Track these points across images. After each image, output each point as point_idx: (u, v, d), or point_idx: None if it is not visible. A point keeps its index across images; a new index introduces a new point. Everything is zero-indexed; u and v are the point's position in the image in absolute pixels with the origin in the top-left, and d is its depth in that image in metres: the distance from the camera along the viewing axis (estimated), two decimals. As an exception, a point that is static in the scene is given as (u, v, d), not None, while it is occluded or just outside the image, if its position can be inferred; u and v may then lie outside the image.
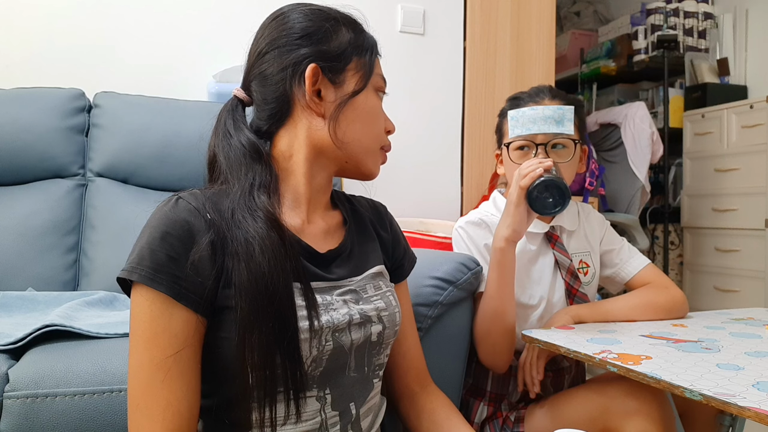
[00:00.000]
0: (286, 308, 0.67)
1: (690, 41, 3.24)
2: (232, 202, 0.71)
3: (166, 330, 0.65)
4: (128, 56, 1.87)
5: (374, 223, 0.92)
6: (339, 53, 0.78)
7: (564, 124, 1.14)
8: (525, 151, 1.18)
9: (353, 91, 0.79)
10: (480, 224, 1.23)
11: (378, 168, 0.84)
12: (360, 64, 0.80)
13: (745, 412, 0.68)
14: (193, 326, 0.67)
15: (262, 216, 0.70)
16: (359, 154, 0.81)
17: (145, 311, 0.65)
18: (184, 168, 1.60)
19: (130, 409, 0.65)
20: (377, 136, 0.83)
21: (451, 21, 2.28)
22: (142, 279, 0.65)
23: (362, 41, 0.81)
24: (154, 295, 0.65)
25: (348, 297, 0.78)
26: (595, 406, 1.00)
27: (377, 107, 0.82)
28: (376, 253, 0.88)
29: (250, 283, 0.66)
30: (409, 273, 0.96)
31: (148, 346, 0.65)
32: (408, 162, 2.18)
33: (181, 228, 0.67)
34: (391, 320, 0.81)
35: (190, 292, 0.66)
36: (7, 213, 1.44)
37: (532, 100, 1.21)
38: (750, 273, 2.74)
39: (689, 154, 3.13)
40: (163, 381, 0.64)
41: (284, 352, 0.66)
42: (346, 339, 0.74)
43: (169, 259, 0.66)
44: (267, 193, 0.73)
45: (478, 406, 1.21)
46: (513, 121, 1.16)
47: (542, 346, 1.03)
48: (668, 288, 1.22)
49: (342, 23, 0.80)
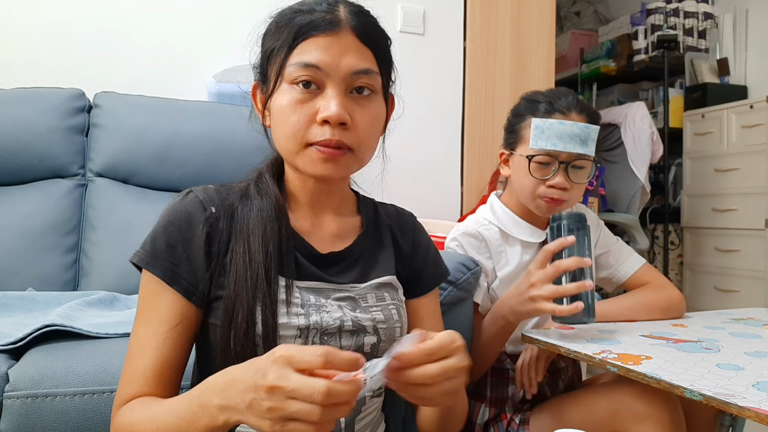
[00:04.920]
0: (264, 299, 0.70)
1: (690, 41, 3.24)
2: (246, 181, 0.79)
3: (157, 309, 0.72)
4: (128, 56, 1.87)
5: (394, 232, 0.89)
6: (263, 61, 0.78)
7: (588, 144, 1.12)
8: (545, 167, 1.13)
9: (268, 95, 0.76)
10: (476, 236, 1.20)
11: (315, 167, 0.74)
12: (276, 65, 0.74)
13: (745, 412, 0.68)
14: (182, 310, 0.72)
15: (273, 201, 0.76)
16: (287, 156, 0.77)
17: (143, 290, 0.73)
18: (184, 168, 1.60)
19: (125, 361, 0.72)
20: (293, 134, 0.73)
21: (451, 21, 2.28)
22: (141, 262, 0.72)
23: (280, 35, 0.75)
24: (149, 277, 0.72)
25: (344, 303, 0.77)
26: (604, 409, 0.99)
27: (288, 103, 0.73)
28: (388, 263, 0.84)
29: (243, 268, 0.71)
30: (430, 289, 0.90)
31: (143, 320, 0.72)
32: (408, 162, 2.18)
33: (181, 219, 0.73)
34: (388, 334, 0.78)
35: (182, 278, 0.72)
36: (7, 213, 1.44)
37: (559, 112, 1.13)
38: (750, 273, 2.74)
39: (689, 154, 3.13)
40: (155, 348, 0.71)
41: (266, 345, 0.68)
42: (335, 344, 0.74)
43: (167, 246, 0.72)
44: (276, 183, 0.80)
45: (479, 409, 1.20)
46: (537, 130, 1.11)
47: (542, 347, 1.03)
48: (665, 288, 1.22)
49: (274, 23, 0.77)
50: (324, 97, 0.72)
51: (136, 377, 0.70)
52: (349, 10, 0.75)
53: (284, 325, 0.71)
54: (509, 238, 1.21)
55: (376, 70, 0.76)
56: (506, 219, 1.22)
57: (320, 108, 0.72)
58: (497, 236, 1.21)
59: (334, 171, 0.74)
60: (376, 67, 0.76)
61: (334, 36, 0.73)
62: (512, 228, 1.21)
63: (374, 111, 0.77)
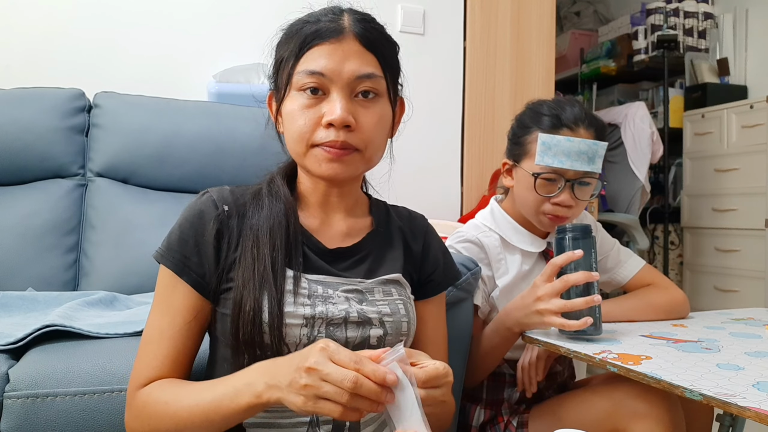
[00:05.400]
0: (271, 289, 0.74)
1: (690, 41, 3.24)
2: (260, 184, 0.84)
3: (171, 301, 0.77)
4: (128, 56, 1.87)
5: (405, 233, 0.91)
6: (276, 71, 0.83)
7: (595, 161, 1.11)
8: (551, 183, 1.12)
9: (279, 102, 0.81)
10: (476, 243, 1.20)
11: (321, 167, 0.78)
12: (285, 73, 0.79)
13: (745, 412, 0.68)
14: (194, 303, 0.77)
15: (283, 201, 0.81)
16: (296, 159, 0.82)
17: (159, 282, 0.79)
18: (184, 168, 1.59)
19: (140, 346, 0.78)
20: (299, 137, 0.77)
21: (451, 21, 2.28)
22: (157, 256, 0.79)
23: (289, 45, 0.79)
24: (164, 270, 0.78)
25: (352, 295, 0.80)
26: (602, 408, 0.99)
27: (297, 108, 0.78)
28: (396, 263, 0.86)
29: (251, 260, 0.75)
30: (443, 290, 0.93)
31: (158, 310, 0.78)
32: (408, 162, 2.17)
33: (194, 216, 0.79)
34: (395, 327, 0.80)
35: (192, 270, 0.77)
36: (7, 213, 1.44)
37: (567, 127, 1.11)
38: (750, 273, 2.74)
39: (689, 154, 3.13)
40: (170, 338, 0.76)
41: (272, 333, 0.73)
42: (341, 335, 0.76)
43: (180, 241, 0.78)
44: (288, 186, 0.84)
45: (475, 410, 1.20)
46: (544, 146, 1.10)
47: (542, 347, 1.03)
48: (669, 289, 1.22)
49: (284, 34, 0.82)
50: (329, 102, 0.77)
51: (154, 362, 0.75)
52: (354, 18, 0.79)
53: (290, 314, 0.74)
54: (509, 246, 1.21)
55: (379, 74, 0.79)
56: (507, 227, 1.22)
57: (325, 112, 0.76)
58: (497, 243, 1.20)
59: (340, 170, 0.78)
60: (380, 71, 0.79)
61: (337, 43, 0.77)
62: (513, 236, 1.21)
63: (379, 113, 0.80)
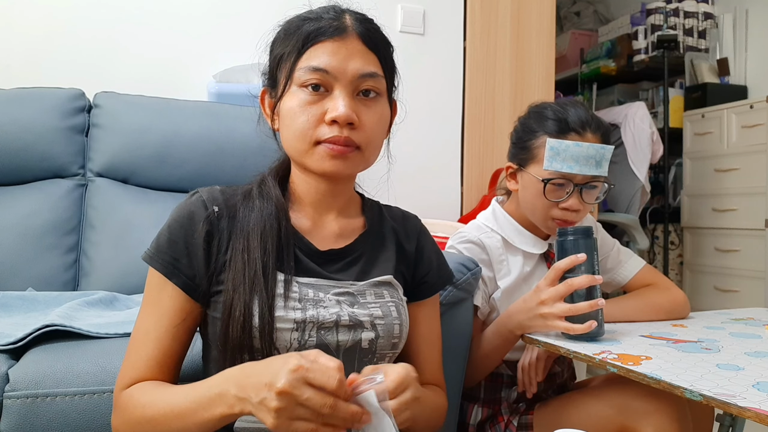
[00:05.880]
0: (261, 293, 0.73)
1: (690, 41, 3.24)
2: (250, 184, 0.83)
3: (160, 302, 0.76)
4: (128, 56, 1.87)
5: (399, 234, 0.90)
6: (273, 68, 0.82)
7: (602, 165, 1.11)
8: (559, 188, 1.12)
9: (277, 99, 0.80)
10: (478, 244, 1.20)
11: (324, 164, 0.77)
12: (285, 69, 0.79)
13: (745, 412, 0.68)
14: (183, 305, 0.76)
15: (274, 202, 0.80)
16: (295, 156, 0.81)
17: (148, 283, 0.77)
18: (184, 168, 1.59)
19: (128, 346, 0.77)
20: (302, 134, 0.77)
21: (451, 21, 2.28)
22: (146, 257, 0.77)
23: (289, 41, 0.79)
24: (152, 271, 0.77)
25: (343, 298, 0.79)
26: (612, 405, 0.99)
27: (298, 104, 0.77)
28: (389, 264, 0.86)
29: (241, 263, 0.74)
30: (436, 291, 0.93)
31: (146, 311, 0.77)
32: (408, 162, 2.18)
33: (183, 216, 0.77)
34: (386, 330, 0.80)
35: (181, 272, 0.75)
36: (7, 213, 1.44)
37: (574, 131, 1.11)
38: (750, 273, 2.74)
39: (689, 154, 3.13)
40: (157, 339, 0.75)
41: (262, 337, 0.72)
42: (332, 339, 0.76)
43: (169, 243, 0.76)
44: (279, 186, 0.83)
45: (472, 409, 1.20)
46: (552, 152, 1.10)
47: (542, 347, 1.03)
48: (670, 289, 1.22)
49: (282, 31, 0.81)
50: (332, 99, 0.76)
51: (139, 363, 0.74)
52: (355, 17, 0.80)
53: (281, 318, 0.73)
54: (511, 248, 1.21)
55: (381, 74, 0.80)
56: (509, 228, 1.22)
57: (329, 109, 0.76)
58: (499, 244, 1.20)
59: (342, 168, 0.78)
60: (381, 71, 0.80)
61: (341, 41, 0.77)
62: (515, 238, 1.21)
63: (380, 112, 0.80)
